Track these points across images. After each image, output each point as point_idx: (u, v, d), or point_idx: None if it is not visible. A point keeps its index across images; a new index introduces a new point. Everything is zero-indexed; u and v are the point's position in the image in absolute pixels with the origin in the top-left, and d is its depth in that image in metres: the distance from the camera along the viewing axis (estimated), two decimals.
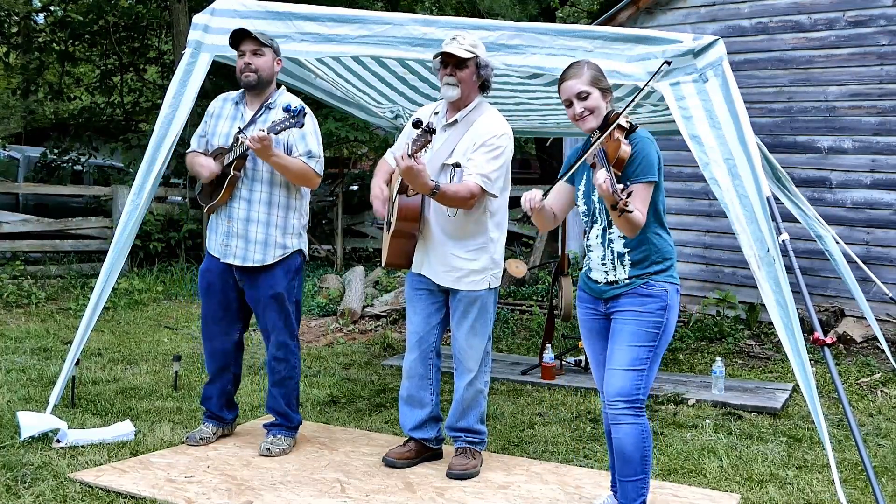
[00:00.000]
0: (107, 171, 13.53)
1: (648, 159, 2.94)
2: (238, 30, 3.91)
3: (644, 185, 2.92)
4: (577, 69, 3.06)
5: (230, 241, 3.96)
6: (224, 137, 3.99)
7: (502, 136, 3.65)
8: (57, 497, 3.37)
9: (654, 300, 2.98)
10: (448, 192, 3.53)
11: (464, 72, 3.64)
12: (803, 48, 7.30)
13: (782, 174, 5.45)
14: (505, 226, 3.84)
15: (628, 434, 2.96)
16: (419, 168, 3.39)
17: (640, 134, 2.98)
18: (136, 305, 8.25)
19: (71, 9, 13.93)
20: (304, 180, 3.95)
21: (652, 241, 3.01)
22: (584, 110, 3.02)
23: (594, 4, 17.57)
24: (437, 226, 3.72)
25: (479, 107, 3.73)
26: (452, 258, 3.71)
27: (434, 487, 3.61)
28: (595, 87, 3.02)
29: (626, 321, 2.99)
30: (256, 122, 3.93)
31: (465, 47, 3.61)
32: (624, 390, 2.95)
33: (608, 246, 3.04)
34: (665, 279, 3.01)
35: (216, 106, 4.11)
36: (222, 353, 4.14)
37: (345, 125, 10.58)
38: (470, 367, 3.79)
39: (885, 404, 5.14)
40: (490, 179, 3.61)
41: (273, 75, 3.98)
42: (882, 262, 6.91)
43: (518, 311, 7.91)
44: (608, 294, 3.05)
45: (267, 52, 3.92)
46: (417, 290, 3.85)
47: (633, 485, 2.98)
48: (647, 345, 2.97)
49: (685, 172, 7.66)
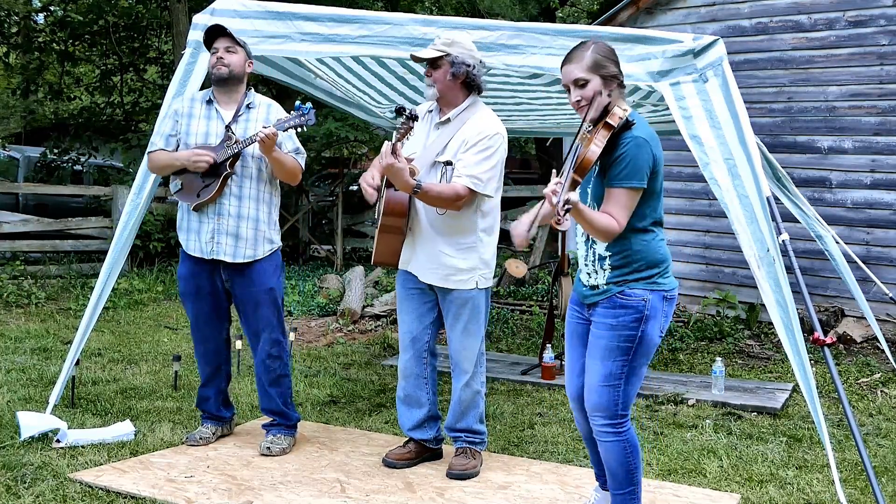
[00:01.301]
0: (107, 171, 13.52)
1: (635, 163, 2.72)
2: (214, 26, 3.93)
3: (624, 191, 2.73)
4: (580, 52, 2.81)
5: (220, 239, 3.93)
6: (203, 137, 3.95)
7: (494, 136, 3.62)
8: (57, 497, 3.37)
9: (629, 311, 2.82)
10: (431, 192, 3.51)
11: (437, 71, 3.63)
12: (803, 48, 7.30)
13: (782, 174, 5.46)
14: (497, 227, 3.81)
15: (610, 451, 2.90)
16: (400, 166, 3.38)
17: (634, 134, 2.75)
18: (136, 305, 8.25)
19: (71, 9, 13.93)
20: (293, 176, 3.98)
21: (635, 248, 2.83)
22: (580, 98, 2.80)
23: (594, 4, 17.58)
24: (427, 222, 3.70)
25: (472, 106, 3.72)
26: (440, 255, 3.69)
27: (434, 487, 3.61)
28: (596, 73, 2.77)
29: (600, 336, 2.87)
30: (239, 120, 3.95)
31: (436, 46, 3.61)
32: (601, 406, 2.87)
33: (591, 247, 2.92)
34: (646, 286, 2.83)
35: (184, 105, 4.05)
36: (216, 353, 4.14)
37: (345, 125, 10.58)
38: (466, 369, 3.79)
39: (885, 404, 5.14)
40: (481, 180, 3.58)
41: (244, 74, 3.99)
42: (882, 262, 6.91)
43: (518, 311, 7.91)
44: (589, 300, 2.95)
45: (240, 50, 3.95)
46: (409, 289, 3.84)
47: (622, 497, 2.95)
48: (621, 359, 2.83)
49: (685, 172, 7.66)
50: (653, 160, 2.78)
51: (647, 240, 2.85)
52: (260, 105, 4.00)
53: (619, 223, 2.74)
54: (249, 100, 4.01)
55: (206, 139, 3.95)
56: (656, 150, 2.81)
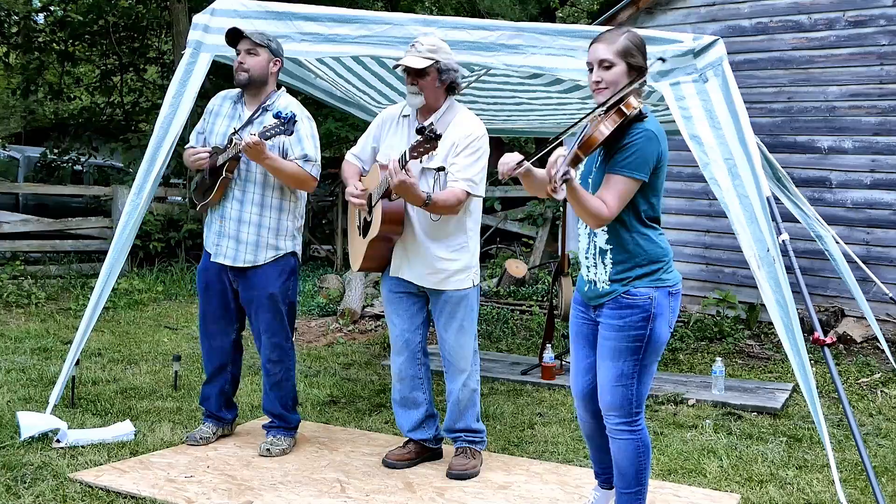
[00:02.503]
0: (107, 171, 13.53)
1: (642, 155, 2.71)
2: (232, 29, 3.91)
3: (624, 179, 2.71)
4: (613, 35, 2.77)
5: (221, 241, 3.96)
6: (221, 136, 3.98)
7: (481, 136, 3.66)
8: (57, 497, 3.37)
9: (635, 311, 2.82)
10: (439, 202, 3.54)
11: (425, 80, 3.60)
12: (803, 48, 7.30)
13: (782, 174, 5.45)
14: (479, 222, 3.86)
15: (622, 449, 2.91)
16: (412, 182, 3.40)
17: (646, 126, 2.74)
18: (136, 305, 8.25)
19: (71, 9, 13.92)
20: (299, 183, 3.93)
21: (636, 243, 2.82)
22: (600, 80, 2.75)
23: (594, 4, 17.58)
24: (419, 228, 3.70)
25: (451, 108, 3.70)
26: (435, 259, 3.69)
27: (434, 487, 3.61)
28: (623, 59, 2.74)
29: (609, 337, 2.87)
30: (253, 122, 3.92)
31: (422, 54, 3.57)
32: (615, 405, 2.89)
33: (592, 238, 2.90)
34: (651, 284, 2.82)
35: (216, 103, 4.11)
36: (220, 352, 4.14)
37: (345, 125, 10.58)
38: (462, 367, 3.79)
39: (885, 404, 5.14)
40: (475, 183, 3.63)
41: (267, 75, 3.95)
42: (882, 262, 6.91)
43: (518, 311, 7.91)
44: (594, 302, 2.94)
45: (262, 52, 3.90)
46: (397, 293, 3.83)
47: (629, 496, 2.95)
48: (631, 359, 2.85)
49: (685, 172, 7.66)
50: (658, 156, 2.78)
51: (647, 234, 2.85)
52: (276, 108, 3.91)
53: (611, 210, 2.71)
54: (269, 102, 3.97)
55: (223, 139, 3.96)
56: (663, 147, 2.81)
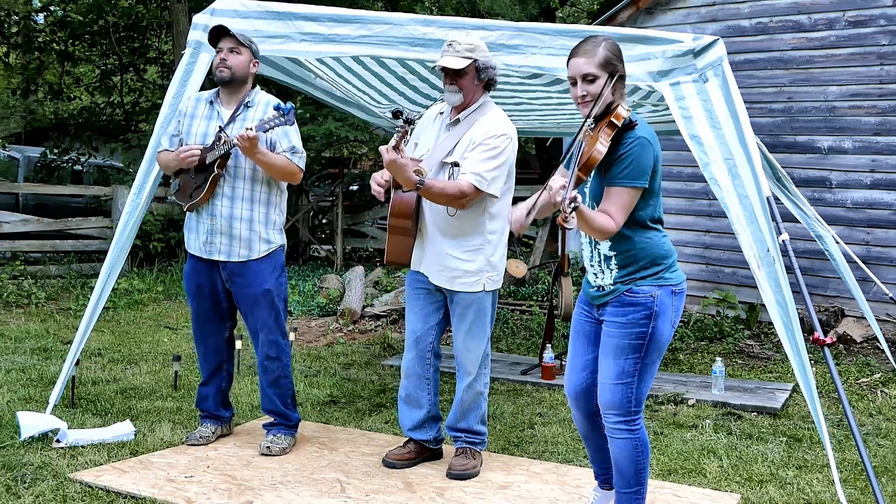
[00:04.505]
0: (107, 171, 13.52)
1: (639, 163, 2.73)
2: (217, 27, 3.92)
3: (625, 190, 2.73)
4: (591, 46, 2.78)
5: (214, 239, 3.94)
6: (201, 137, 3.95)
7: (501, 136, 3.60)
8: (57, 497, 3.37)
9: (637, 309, 2.82)
10: (434, 188, 3.49)
11: (464, 79, 3.60)
12: (803, 48, 7.30)
13: (782, 174, 5.46)
14: (507, 229, 3.74)
15: (621, 448, 2.90)
16: (402, 162, 3.35)
17: (637, 134, 2.76)
18: (136, 305, 8.25)
19: (71, 9, 13.93)
20: (288, 176, 3.95)
21: (639, 246, 2.83)
22: (585, 94, 2.78)
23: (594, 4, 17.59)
24: (434, 224, 3.69)
25: (482, 107, 3.70)
26: (447, 257, 3.68)
27: (434, 487, 3.61)
28: (605, 70, 2.76)
29: (611, 335, 2.88)
30: (236, 119, 3.93)
31: (461, 54, 3.57)
32: (615, 403, 2.88)
33: (595, 247, 2.92)
34: (654, 283, 2.83)
35: (189, 105, 4.08)
36: (216, 352, 4.14)
37: (345, 125, 10.58)
38: (469, 370, 3.79)
39: (885, 404, 5.14)
40: (485, 178, 3.55)
41: (248, 75, 3.97)
42: (882, 262, 6.91)
43: (518, 311, 7.91)
44: (598, 301, 2.95)
45: (244, 51, 3.92)
46: (416, 288, 3.84)
47: (628, 496, 2.94)
48: (633, 357, 2.84)
49: (685, 172, 7.66)
50: (654, 160, 2.80)
51: (650, 237, 2.86)
52: (258, 104, 3.97)
53: (617, 222, 2.74)
54: (249, 99, 3.99)
55: (205, 139, 3.94)
56: (657, 150, 2.82)
